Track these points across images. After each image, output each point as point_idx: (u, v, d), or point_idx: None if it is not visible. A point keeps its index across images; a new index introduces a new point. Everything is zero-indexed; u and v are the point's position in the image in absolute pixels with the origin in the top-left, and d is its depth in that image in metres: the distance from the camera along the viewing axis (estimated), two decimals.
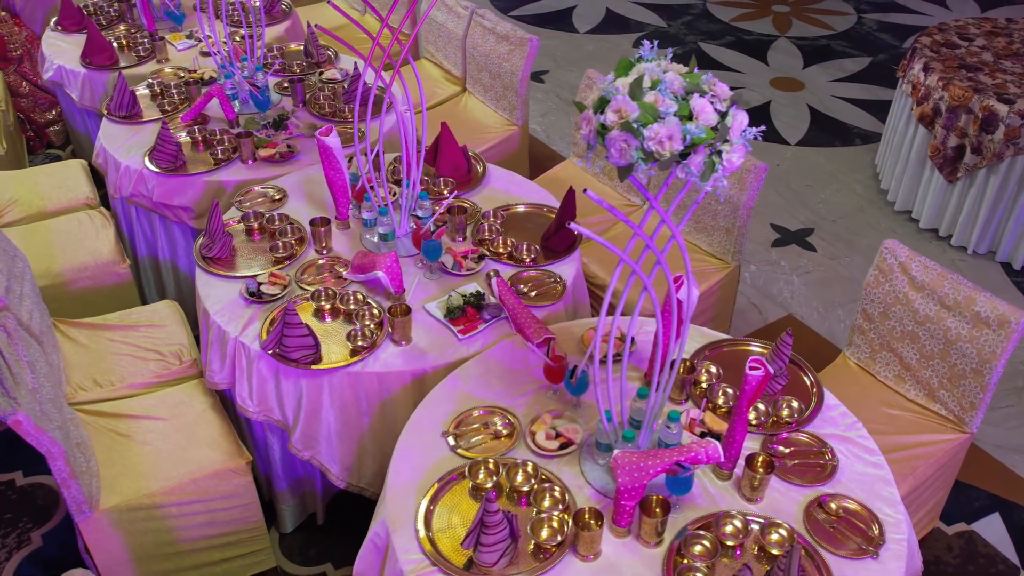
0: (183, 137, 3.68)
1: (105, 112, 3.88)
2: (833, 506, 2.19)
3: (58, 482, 2.40)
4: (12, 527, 3.15)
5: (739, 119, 1.67)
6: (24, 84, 5.17)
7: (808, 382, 2.57)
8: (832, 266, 4.41)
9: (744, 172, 3.26)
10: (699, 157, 1.62)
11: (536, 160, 4.97)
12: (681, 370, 2.46)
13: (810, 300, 4.19)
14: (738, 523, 2.12)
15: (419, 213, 3.10)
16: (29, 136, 5.23)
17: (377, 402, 2.68)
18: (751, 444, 2.36)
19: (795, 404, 2.46)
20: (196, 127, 3.71)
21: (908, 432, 2.79)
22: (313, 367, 2.62)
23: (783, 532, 2.11)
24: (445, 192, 3.35)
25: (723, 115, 1.67)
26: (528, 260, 3.02)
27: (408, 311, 2.69)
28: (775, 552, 2.07)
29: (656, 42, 1.77)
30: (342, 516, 3.16)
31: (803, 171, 5.13)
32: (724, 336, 2.72)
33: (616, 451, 2.10)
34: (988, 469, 3.39)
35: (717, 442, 2.04)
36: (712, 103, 1.66)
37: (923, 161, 4.45)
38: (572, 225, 1.74)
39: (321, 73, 4.20)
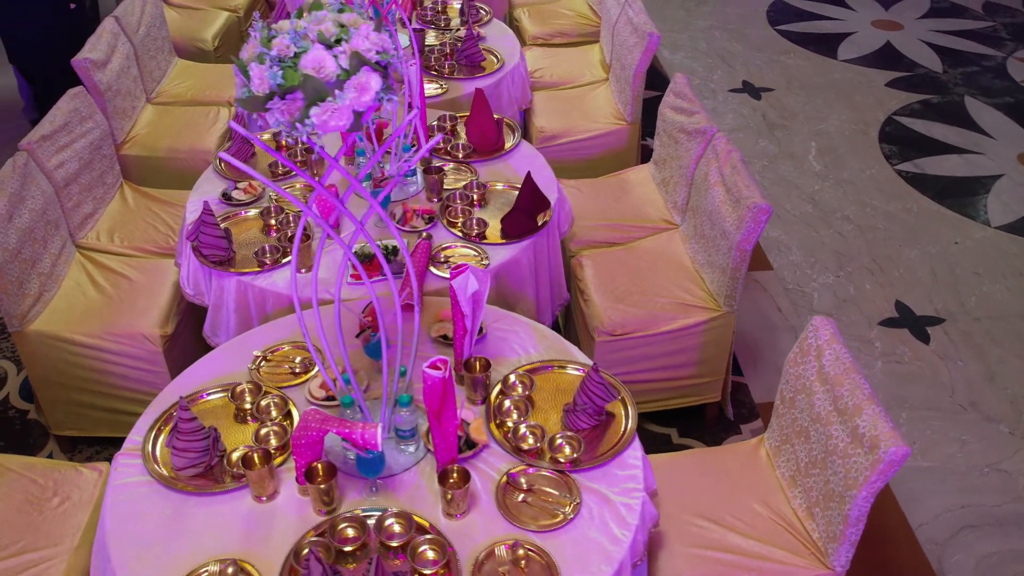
0: None
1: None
2: (520, 552, 1.97)
3: None
4: None
5: (363, 80, 1.57)
6: None
7: (622, 431, 2.28)
8: (936, 366, 3.70)
9: (743, 209, 2.89)
10: (281, 104, 1.56)
11: None
12: (477, 368, 2.32)
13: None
14: (402, 525, 1.99)
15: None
16: None
17: (261, 315, 2.84)
18: (504, 466, 2.17)
19: (576, 444, 2.20)
20: None
21: (761, 540, 2.35)
22: (220, 268, 2.84)
23: (436, 549, 1.95)
24: (460, 156, 3.37)
25: (346, 72, 1.58)
26: (473, 235, 2.97)
27: (305, 239, 2.80)
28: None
29: None
30: None
31: (981, 257, 4.30)
32: (585, 360, 2.48)
33: (311, 407, 2.08)
34: None
35: (377, 431, 1.93)
36: (337, 58, 1.58)
37: None
38: (222, 154, 1.76)
39: (457, 30, 4.35)
